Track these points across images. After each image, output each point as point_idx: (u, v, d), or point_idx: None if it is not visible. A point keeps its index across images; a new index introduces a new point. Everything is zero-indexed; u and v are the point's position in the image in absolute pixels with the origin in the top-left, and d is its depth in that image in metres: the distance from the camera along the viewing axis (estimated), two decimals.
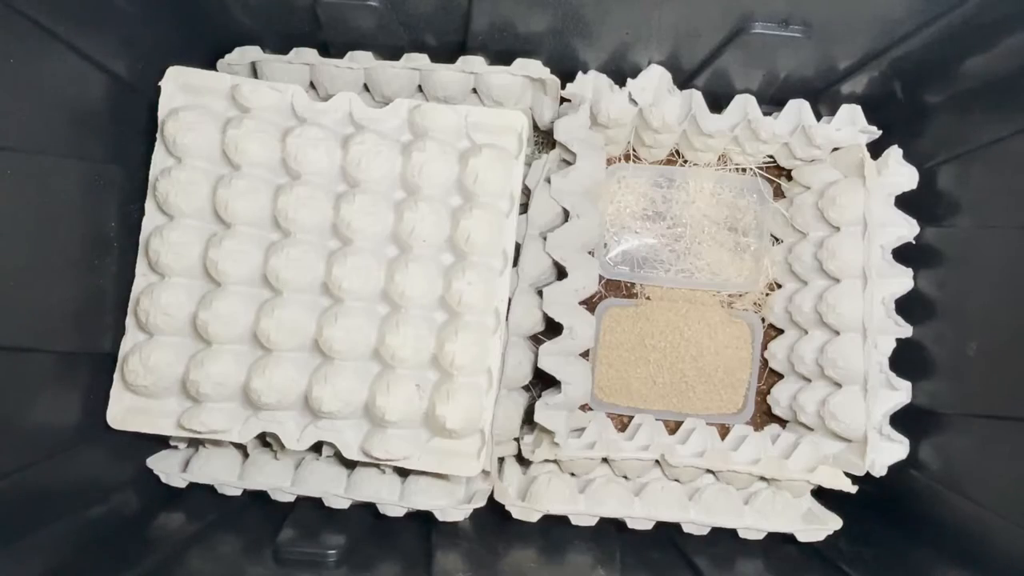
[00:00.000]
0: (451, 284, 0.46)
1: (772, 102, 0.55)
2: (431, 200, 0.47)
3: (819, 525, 0.51)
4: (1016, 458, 0.44)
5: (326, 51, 0.53)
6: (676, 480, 0.53)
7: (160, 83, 0.48)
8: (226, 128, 0.47)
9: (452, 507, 0.50)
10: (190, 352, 0.48)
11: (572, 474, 0.54)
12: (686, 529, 0.52)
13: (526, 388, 0.56)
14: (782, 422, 0.59)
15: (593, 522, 0.52)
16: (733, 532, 0.52)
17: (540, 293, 0.50)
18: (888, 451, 0.51)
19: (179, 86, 0.49)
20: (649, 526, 0.52)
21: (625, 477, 0.54)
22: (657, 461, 0.52)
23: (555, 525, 0.52)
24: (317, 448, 0.53)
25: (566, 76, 0.52)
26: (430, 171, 0.47)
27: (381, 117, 0.48)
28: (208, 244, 0.47)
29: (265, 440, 0.52)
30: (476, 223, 0.47)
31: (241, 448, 0.53)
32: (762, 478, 0.53)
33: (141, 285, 0.49)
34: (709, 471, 0.53)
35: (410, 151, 0.47)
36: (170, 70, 0.48)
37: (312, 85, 0.53)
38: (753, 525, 0.51)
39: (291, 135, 0.47)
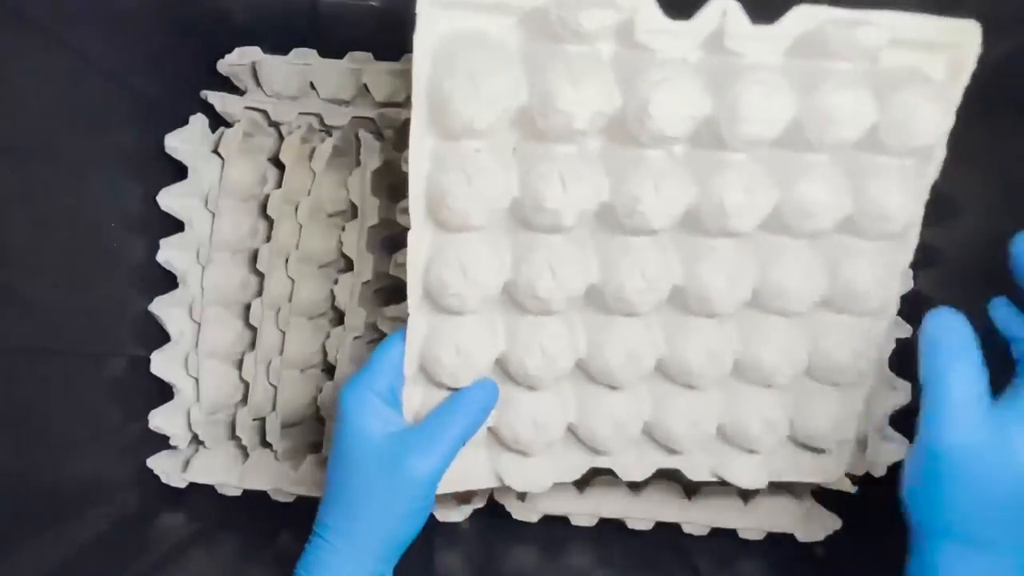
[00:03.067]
0: (838, 273, 0.36)
1: None
2: (831, 161, 0.35)
3: (819, 525, 0.51)
4: None
5: (326, 51, 0.53)
6: (675, 480, 0.53)
7: (418, 5, 0.33)
8: (533, 74, 0.32)
9: (452, 507, 0.50)
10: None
11: None
12: (686, 529, 0.52)
13: None
14: None
15: (593, 522, 0.52)
16: (733, 532, 0.52)
17: None
18: (888, 451, 0.51)
19: (445, 2, 0.32)
20: (649, 526, 0.52)
21: None
22: None
23: (555, 525, 0.52)
24: (317, 447, 0.53)
25: None
26: (840, 117, 0.33)
27: (769, 36, 0.33)
28: (518, 264, 0.35)
29: (265, 440, 0.52)
30: (886, 190, 0.34)
31: (241, 448, 0.53)
32: None
33: (421, 327, 0.37)
34: None
35: (811, 86, 0.33)
36: None
37: (312, 85, 0.53)
38: (753, 525, 0.51)
39: (644, 79, 0.32)
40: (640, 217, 0.34)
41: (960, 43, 0.35)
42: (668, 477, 0.54)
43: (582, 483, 0.53)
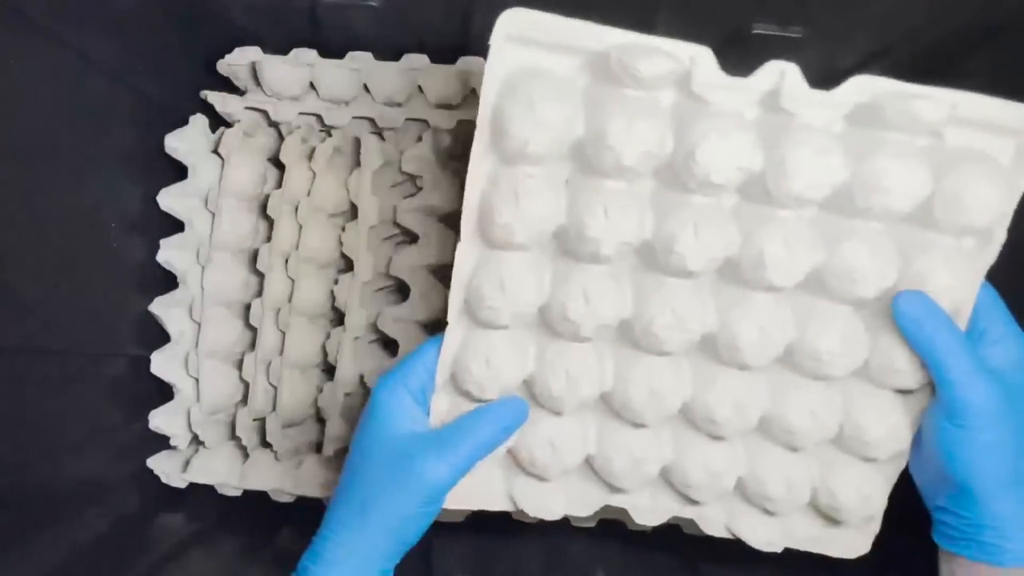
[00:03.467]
0: (878, 344, 0.36)
1: None
2: (879, 230, 0.35)
3: None
4: None
5: (326, 51, 0.53)
6: None
7: (491, 39, 0.33)
8: (590, 111, 0.33)
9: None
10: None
11: None
12: (686, 530, 0.52)
13: None
14: None
15: (593, 522, 0.52)
16: None
17: None
18: None
19: (517, 39, 0.33)
20: (649, 527, 0.52)
21: None
22: None
23: (555, 525, 0.52)
24: (317, 447, 0.53)
25: None
26: (891, 186, 0.33)
27: (827, 101, 0.34)
28: (555, 288, 0.36)
29: (265, 440, 0.52)
30: (933, 267, 0.34)
31: (241, 448, 0.53)
32: None
33: (457, 338, 0.37)
34: None
35: (865, 153, 0.33)
36: (505, 14, 0.33)
37: (312, 85, 0.53)
38: None
39: (696, 127, 0.33)
40: (677, 257, 0.34)
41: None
42: None
43: None
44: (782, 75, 0.33)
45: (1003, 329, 0.36)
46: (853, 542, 0.42)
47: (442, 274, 0.51)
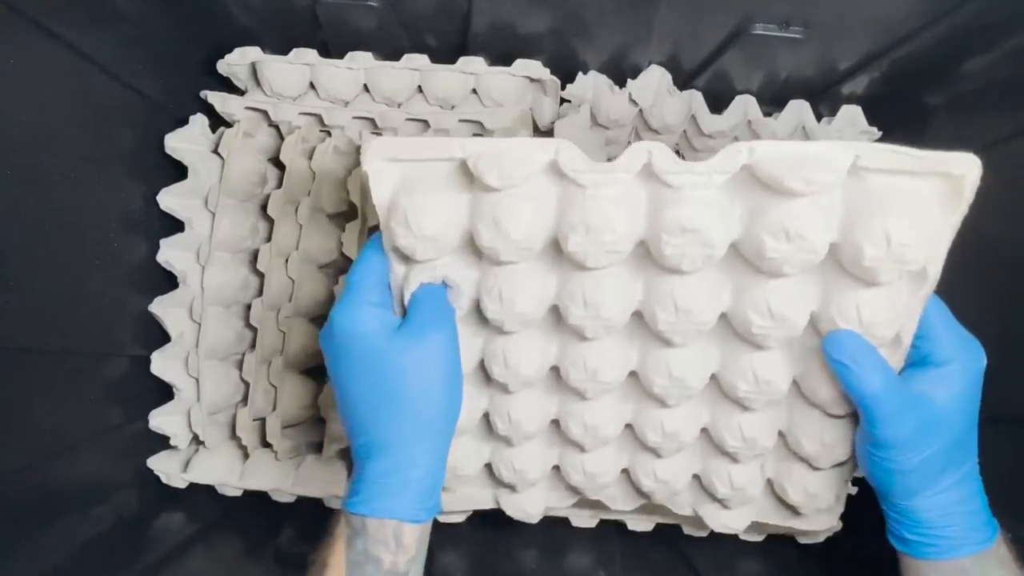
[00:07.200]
0: (806, 375, 0.38)
1: (772, 103, 0.55)
2: (796, 277, 0.35)
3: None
4: (1014, 459, 0.44)
5: (326, 51, 0.53)
6: None
7: (364, 165, 0.35)
8: (474, 212, 0.35)
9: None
10: (488, 445, 0.45)
11: None
12: (686, 530, 0.52)
13: None
14: None
15: (593, 523, 0.52)
16: (733, 533, 0.52)
17: None
18: None
19: (390, 159, 0.36)
20: (649, 526, 0.52)
21: None
22: None
23: (555, 526, 0.52)
24: (317, 447, 0.53)
25: (566, 77, 0.52)
26: (803, 242, 0.33)
27: (704, 169, 0.34)
28: (485, 352, 0.40)
29: (265, 440, 0.52)
30: (855, 305, 0.34)
31: (241, 448, 0.53)
32: None
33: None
34: None
35: (759, 214, 0.34)
36: (373, 143, 0.35)
37: (312, 85, 0.53)
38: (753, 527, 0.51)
39: (569, 212, 0.35)
40: (589, 319, 0.37)
41: (957, 173, 0.33)
42: None
43: None
44: (650, 154, 0.34)
45: (947, 353, 0.36)
46: (820, 519, 0.45)
47: None
